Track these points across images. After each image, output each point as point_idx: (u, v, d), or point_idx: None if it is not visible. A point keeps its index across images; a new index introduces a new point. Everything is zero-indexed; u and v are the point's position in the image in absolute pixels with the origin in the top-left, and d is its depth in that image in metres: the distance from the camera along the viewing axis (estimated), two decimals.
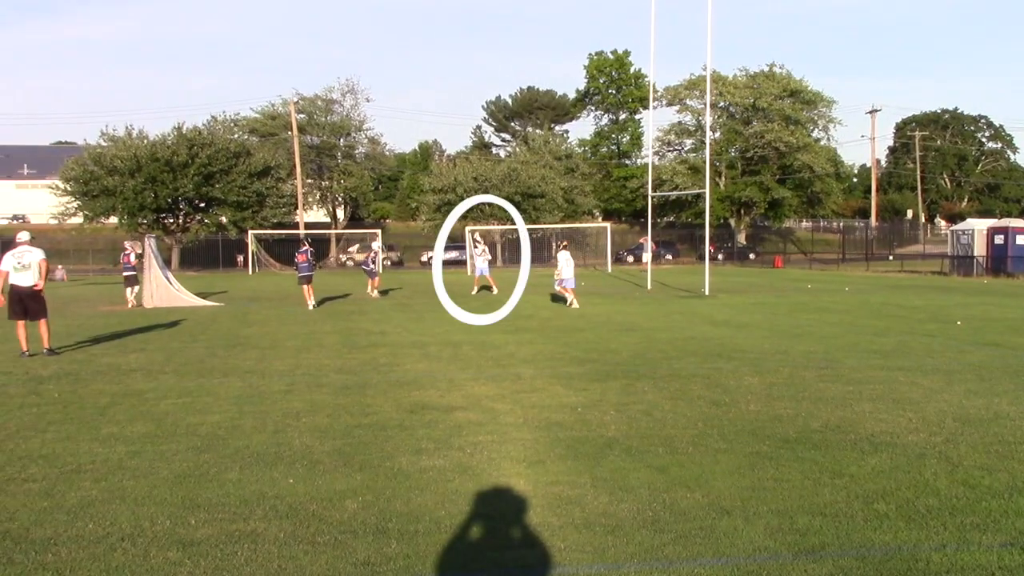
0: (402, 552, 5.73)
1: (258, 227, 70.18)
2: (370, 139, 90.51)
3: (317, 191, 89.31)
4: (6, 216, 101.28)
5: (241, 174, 69.76)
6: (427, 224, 79.50)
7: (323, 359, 15.24)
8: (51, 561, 5.64)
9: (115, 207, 68.82)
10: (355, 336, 18.91)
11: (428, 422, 9.75)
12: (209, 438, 9.04)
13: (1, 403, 11.20)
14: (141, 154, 67.56)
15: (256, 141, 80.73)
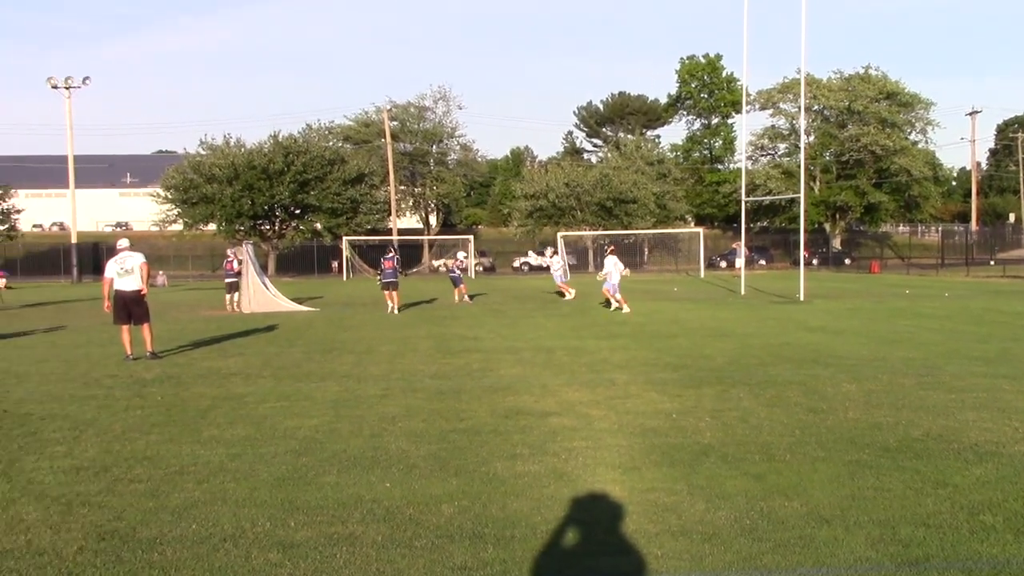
0: (498, 557, 5.74)
1: (352, 233, 71.00)
2: (462, 145, 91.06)
3: (410, 197, 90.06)
4: (110, 223, 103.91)
5: (335, 181, 70.65)
6: (519, 230, 79.76)
7: (418, 364, 15.35)
8: (157, 560, 5.76)
9: (213, 214, 70.22)
10: (449, 341, 19.02)
11: (523, 427, 9.76)
12: (307, 441, 9.16)
13: (107, 405, 11.48)
14: (238, 162, 68.84)
15: (350, 148, 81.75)
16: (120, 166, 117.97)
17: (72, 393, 12.57)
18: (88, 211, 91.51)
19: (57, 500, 7.10)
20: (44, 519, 6.62)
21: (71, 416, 10.77)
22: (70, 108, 66.47)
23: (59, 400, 11.95)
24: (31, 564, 5.70)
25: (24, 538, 6.20)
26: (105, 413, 10.94)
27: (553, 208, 76.41)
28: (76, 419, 10.56)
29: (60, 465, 8.25)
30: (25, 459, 8.52)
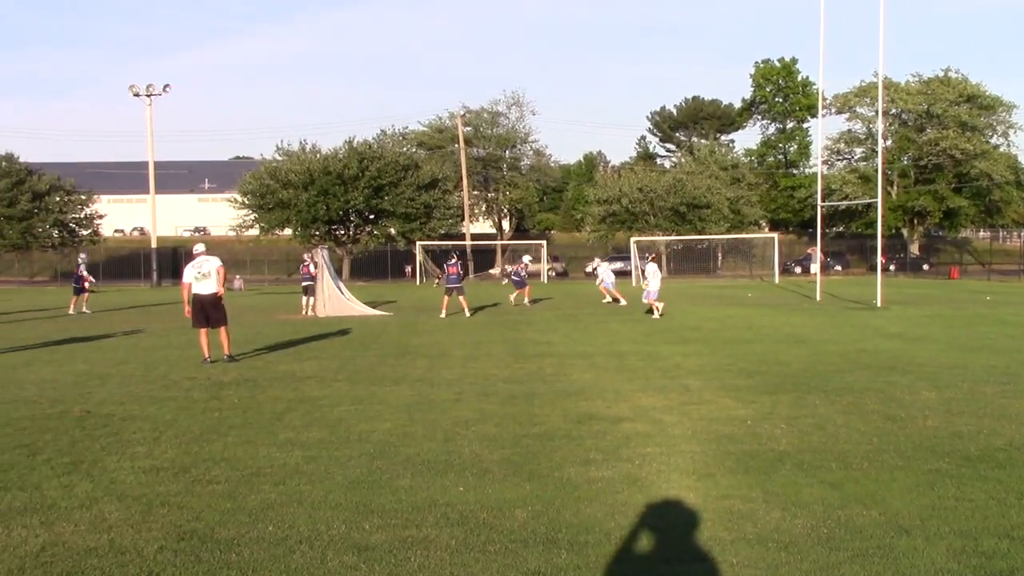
0: (572, 563, 5.73)
1: (426, 238, 71.38)
2: (535, 151, 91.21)
3: (483, 202, 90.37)
4: (188, 228, 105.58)
5: (409, 186, 71.07)
6: (592, 235, 79.54)
7: (491, 368, 15.38)
8: (235, 561, 5.83)
9: (289, 219, 71.05)
10: (522, 346, 19.03)
11: (596, 433, 9.74)
12: (381, 445, 9.22)
13: (186, 407, 11.66)
14: (314, 168, 69.58)
15: (424, 154, 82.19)
16: (199, 172, 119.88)
17: (152, 395, 12.80)
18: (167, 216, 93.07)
19: (138, 500, 7.23)
20: (126, 518, 6.74)
21: (151, 417, 10.96)
22: (151, 115, 67.72)
23: (139, 401, 12.18)
24: (114, 562, 5.80)
25: (107, 537, 6.32)
26: (184, 415, 11.12)
27: (626, 213, 76.15)
28: (156, 420, 10.75)
29: (141, 465, 8.40)
30: (107, 459, 8.69)
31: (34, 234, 75.03)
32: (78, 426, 10.44)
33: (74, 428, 10.32)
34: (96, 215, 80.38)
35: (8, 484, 7.74)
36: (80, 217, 79.34)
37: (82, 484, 7.74)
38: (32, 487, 7.64)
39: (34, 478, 7.96)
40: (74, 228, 78.92)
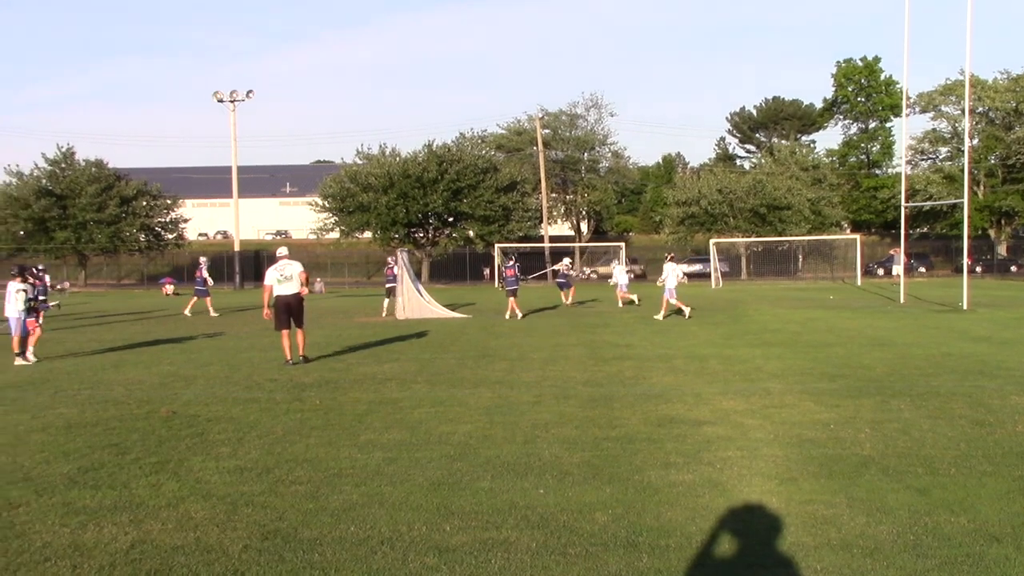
0: (653, 567, 5.70)
1: (504, 240, 71.48)
2: (613, 153, 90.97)
3: (561, 205, 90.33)
4: (270, 232, 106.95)
5: (488, 189, 71.32)
6: (671, 237, 79.06)
7: (569, 371, 15.37)
8: (318, 561, 5.90)
9: (369, 222, 71.75)
10: (600, 349, 18.98)
11: (676, 436, 9.68)
12: (461, 447, 9.26)
13: (269, 409, 11.82)
14: (394, 171, 70.18)
15: (503, 157, 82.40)
16: (280, 176, 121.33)
17: (235, 396, 12.99)
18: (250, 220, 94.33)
19: (223, 499, 7.34)
20: (211, 517, 6.85)
21: (235, 418, 11.12)
22: (234, 121, 68.71)
23: (223, 403, 12.37)
24: (200, 561, 5.90)
25: (193, 535, 6.43)
26: (267, 416, 11.27)
27: (705, 215, 75.62)
28: (240, 421, 10.91)
29: (225, 466, 8.54)
30: (193, 459, 8.84)
31: (122, 238, 76.54)
32: (164, 426, 10.64)
33: (161, 428, 10.52)
34: (181, 219, 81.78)
35: (99, 482, 7.91)
36: (165, 221, 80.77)
37: (169, 483, 7.88)
38: (121, 485, 7.81)
39: (123, 477, 8.12)
40: (160, 232, 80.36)
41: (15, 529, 6.62)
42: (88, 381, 14.83)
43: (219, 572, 5.72)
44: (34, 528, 6.65)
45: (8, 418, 11.34)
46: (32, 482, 7.97)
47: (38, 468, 8.53)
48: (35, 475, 8.25)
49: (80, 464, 8.66)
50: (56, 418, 11.30)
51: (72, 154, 78.21)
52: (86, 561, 5.93)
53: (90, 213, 74.54)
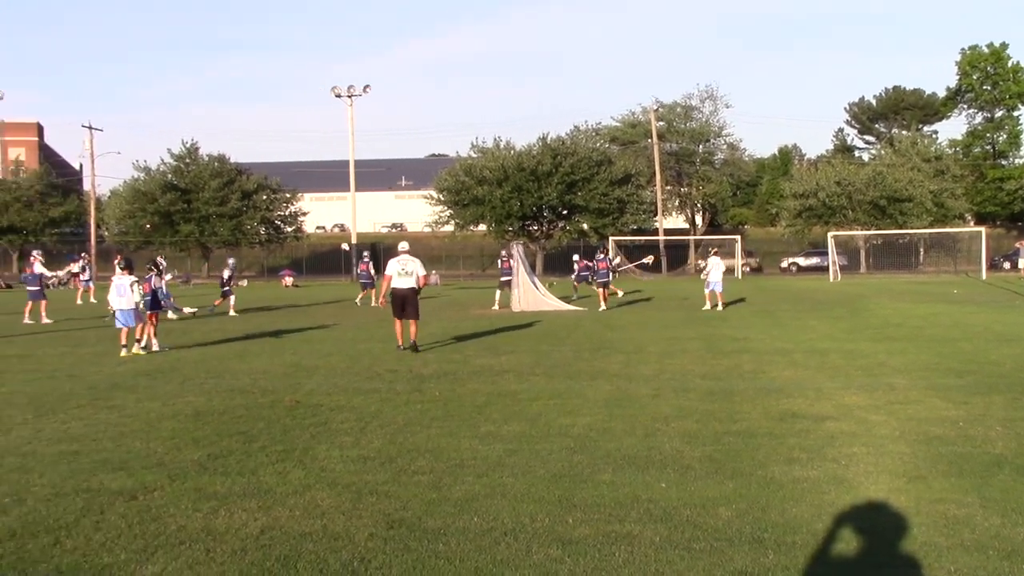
0: (779, 563, 5.63)
1: (618, 233, 71.26)
2: (729, 145, 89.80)
3: (676, 197, 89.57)
4: (386, 224, 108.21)
5: (602, 182, 71.16)
6: (787, 230, 77.89)
7: (688, 364, 15.25)
8: (442, 550, 5.96)
9: (484, 215, 72.20)
10: (718, 342, 18.80)
11: (798, 431, 9.53)
12: (581, 439, 9.25)
13: (389, 399, 11.98)
14: (508, 164, 70.47)
15: (617, 149, 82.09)
16: (396, 169, 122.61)
17: (356, 386, 13.20)
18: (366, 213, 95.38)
19: (348, 488, 7.46)
20: (337, 505, 6.97)
21: (357, 408, 11.30)
22: (352, 115, 69.69)
23: (345, 392, 12.57)
24: (327, 548, 6.01)
25: (320, 522, 6.55)
26: (388, 406, 11.42)
27: (823, 207, 74.26)
28: (361, 411, 11.08)
29: (349, 455, 8.68)
30: (317, 448, 9.00)
31: (243, 231, 78.36)
32: (289, 415, 10.86)
33: (285, 417, 10.74)
34: (300, 212, 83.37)
35: (228, 469, 8.12)
36: (285, 214, 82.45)
37: (295, 471, 8.04)
38: (249, 472, 7.99)
39: (251, 464, 8.32)
40: (279, 225, 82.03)
41: (151, 512, 6.83)
42: (214, 370, 15.21)
43: (346, 559, 5.81)
44: (168, 512, 6.84)
45: (140, 405, 11.70)
46: (165, 467, 8.21)
47: (170, 454, 8.79)
48: (167, 461, 8.49)
49: (209, 451, 8.89)
50: (185, 406, 11.62)
51: (196, 149, 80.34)
52: (219, 545, 6.09)
53: (213, 207, 76.47)
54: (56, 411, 11.35)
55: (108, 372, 15.17)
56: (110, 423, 10.49)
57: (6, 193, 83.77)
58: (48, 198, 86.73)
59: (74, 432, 9.98)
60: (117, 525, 6.53)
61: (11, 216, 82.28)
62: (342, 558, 5.83)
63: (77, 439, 9.58)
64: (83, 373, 15.06)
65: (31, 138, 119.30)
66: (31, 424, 10.50)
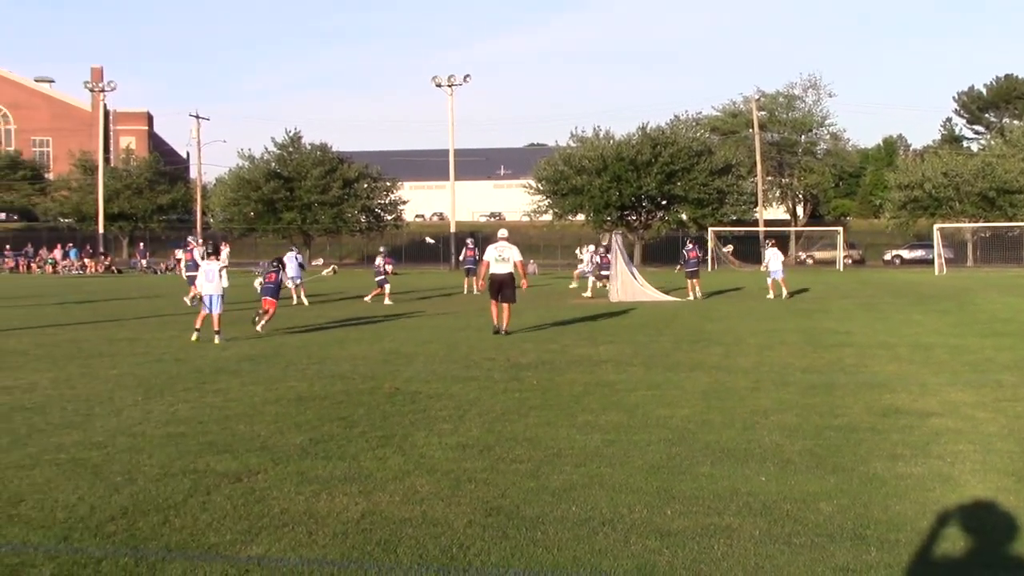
0: (883, 561, 5.54)
1: (718, 224, 70.67)
2: (832, 134, 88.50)
3: (777, 188, 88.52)
4: (484, 214, 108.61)
5: (702, 172, 70.56)
6: (891, 222, 76.36)
7: (787, 357, 15.07)
8: (540, 538, 5.98)
9: (582, 205, 72.11)
10: (819, 335, 18.55)
11: (902, 427, 9.36)
12: (679, 431, 9.20)
13: (487, 387, 12.05)
14: (607, 154, 70.31)
15: (717, 139, 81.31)
16: (495, 159, 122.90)
17: (455, 374, 13.30)
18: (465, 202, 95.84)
19: (447, 475, 7.53)
20: (436, 492, 7.04)
21: (455, 396, 11.39)
22: (452, 105, 70.15)
23: (443, 380, 12.68)
24: (427, 533, 6.07)
25: (419, 509, 6.62)
26: (486, 394, 11.49)
27: (929, 199, 72.63)
28: (460, 399, 11.16)
29: (447, 442, 8.75)
30: (416, 434, 9.09)
31: (344, 219, 79.40)
32: (388, 402, 10.99)
33: (385, 404, 10.87)
34: (399, 201, 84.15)
35: (329, 454, 8.25)
36: (385, 203, 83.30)
37: (394, 457, 8.14)
38: (350, 458, 8.11)
39: (351, 449, 8.44)
40: (379, 213, 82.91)
41: (255, 494, 6.97)
42: (316, 356, 15.45)
43: (445, 545, 5.86)
44: (272, 494, 6.98)
45: (244, 389, 11.94)
46: (268, 451, 8.38)
47: (273, 438, 8.96)
48: (271, 444, 8.66)
49: (311, 435, 9.04)
50: (287, 391, 11.83)
51: (299, 138, 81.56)
52: (320, 528, 6.19)
53: (315, 195, 77.55)
54: (164, 393, 11.65)
55: (213, 356, 15.51)
56: (215, 406, 10.73)
57: (117, 181, 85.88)
58: (156, 185, 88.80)
59: (181, 414, 10.24)
60: (223, 506, 6.68)
61: (121, 203, 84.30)
62: (441, 544, 5.89)
63: (184, 421, 9.83)
64: (189, 357, 15.42)
65: (141, 127, 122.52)
66: (141, 406, 10.80)
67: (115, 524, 6.29)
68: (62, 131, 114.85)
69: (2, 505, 6.73)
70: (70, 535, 6.08)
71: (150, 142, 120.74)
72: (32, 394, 11.65)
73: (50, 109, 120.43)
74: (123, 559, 5.61)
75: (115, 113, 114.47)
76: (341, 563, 5.56)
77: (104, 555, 5.69)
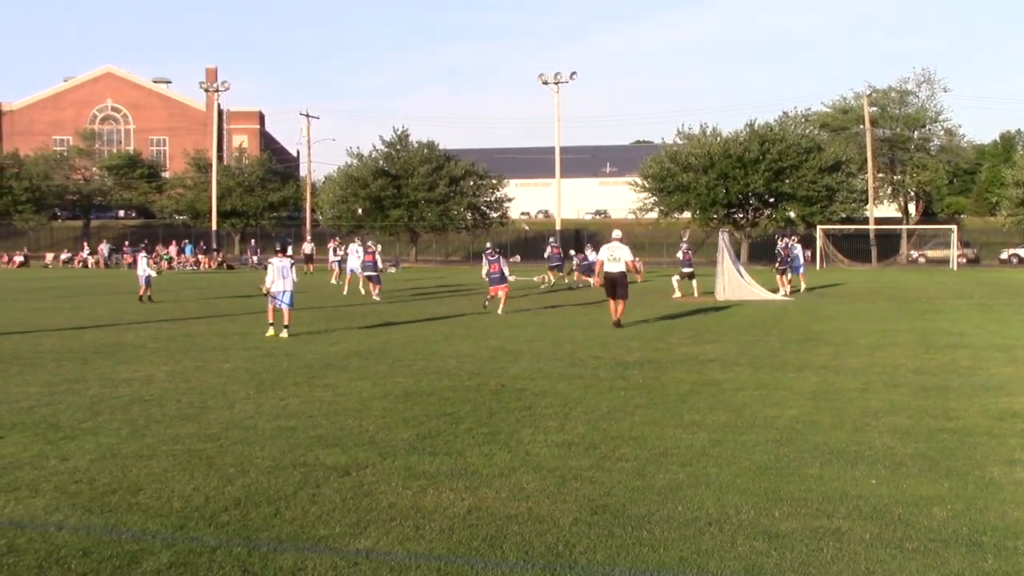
0: (999, 568, 5.40)
1: (826, 222, 69.50)
2: (946, 130, 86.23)
3: (888, 185, 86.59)
4: (589, 211, 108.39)
5: (811, 169, 69.40)
6: (1008, 220, 74.22)
7: (899, 358, 14.77)
8: (646, 538, 5.96)
9: (689, 202, 71.53)
10: (932, 336, 18.15)
11: (1020, 431, 9.11)
12: (787, 431, 9.10)
13: (592, 385, 12.04)
14: (714, 151, 69.60)
15: (826, 136, 79.90)
16: (601, 156, 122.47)
17: (560, 372, 13.32)
18: (570, 199, 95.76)
19: (552, 472, 7.54)
20: (542, 489, 7.06)
21: (560, 393, 11.40)
22: (558, 102, 70.16)
23: (549, 377, 12.70)
24: (533, 530, 6.10)
25: (525, 505, 6.65)
26: (591, 392, 11.48)
27: None
28: (565, 397, 11.17)
29: (553, 439, 8.77)
30: (522, 431, 9.13)
31: (450, 216, 79.86)
32: (494, 399, 11.05)
33: (491, 400, 10.93)
34: (505, 198, 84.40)
35: (436, 449, 8.33)
36: (491, 200, 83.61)
37: (500, 453, 8.18)
38: (456, 453, 8.18)
39: (458, 445, 8.51)
40: (485, 211, 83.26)
41: (363, 488, 7.07)
42: (422, 352, 15.60)
43: (551, 543, 5.88)
44: (379, 489, 7.07)
45: (353, 384, 12.11)
46: (376, 446, 8.49)
47: (381, 433, 9.07)
48: (379, 439, 8.78)
49: (418, 431, 9.14)
50: (395, 386, 11.96)
51: (406, 136, 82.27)
52: (427, 523, 6.26)
53: (421, 192, 78.19)
54: (275, 388, 11.89)
55: (322, 352, 15.76)
56: (324, 401, 10.91)
57: (230, 179, 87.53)
58: (268, 183, 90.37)
59: (292, 408, 10.43)
60: (332, 499, 6.80)
61: (233, 200, 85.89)
62: (547, 541, 5.90)
63: (294, 415, 10.02)
64: (298, 352, 15.69)
65: (253, 126, 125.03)
66: (253, 399, 11.03)
67: (228, 514, 6.44)
68: (178, 130, 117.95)
69: (122, 494, 6.94)
70: (186, 524, 6.24)
71: (261, 140, 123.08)
72: (149, 386, 11.99)
73: (167, 109, 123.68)
74: (236, 549, 5.75)
75: (228, 112, 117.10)
76: (448, 558, 5.61)
77: (218, 544, 5.83)
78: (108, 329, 19.78)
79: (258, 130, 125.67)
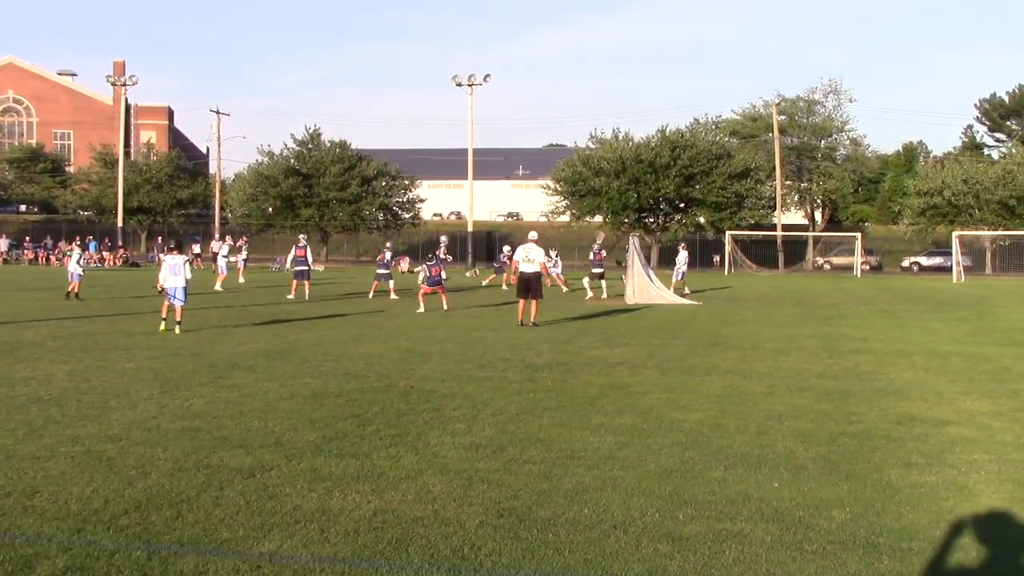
0: (895, 570, 5.52)
1: (735, 228, 70.52)
2: (852, 140, 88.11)
3: (795, 193, 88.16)
4: (502, 213, 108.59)
5: (721, 175, 70.44)
6: (910, 228, 76.02)
7: (803, 363, 15.03)
8: (552, 540, 5.98)
9: (600, 206, 72.11)
10: (835, 341, 18.50)
11: (917, 435, 9.33)
12: (693, 435, 9.19)
13: (501, 388, 12.05)
14: (626, 156, 70.32)
15: (736, 143, 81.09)
16: (513, 159, 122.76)
17: (469, 374, 13.31)
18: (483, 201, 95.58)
19: (459, 475, 7.53)
20: (448, 491, 7.04)
21: (469, 395, 11.39)
22: (472, 104, 70.08)
23: (458, 379, 12.69)
24: (438, 533, 6.08)
25: (431, 508, 6.63)
26: (500, 395, 11.49)
27: (948, 206, 72.22)
28: (474, 399, 11.17)
29: (461, 442, 8.76)
30: (430, 433, 9.10)
31: (362, 216, 79.49)
32: (403, 400, 11.00)
33: (399, 402, 10.88)
34: (417, 199, 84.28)
35: (343, 451, 8.26)
36: (403, 201, 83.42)
37: (408, 456, 8.15)
38: (363, 455, 8.12)
39: (365, 447, 8.45)
40: (397, 212, 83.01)
41: (268, 491, 6.99)
42: (331, 353, 15.47)
43: (456, 545, 5.87)
44: (285, 491, 7.00)
45: (259, 385, 11.97)
46: (282, 447, 8.40)
47: (287, 434, 8.98)
48: (285, 441, 8.68)
49: (325, 433, 9.06)
50: (302, 387, 11.85)
51: (318, 135, 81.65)
52: (332, 526, 6.20)
53: (333, 192, 77.72)
54: (179, 388, 11.70)
55: (229, 352, 15.55)
56: (230, 401, 10.77)
57: (137, 175, 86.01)
58: (176, 180, 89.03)
59: (196, 409, 10.27)
60: (236, 501, 6.71)
61: (141, 197, 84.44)
62: (453, 544, 5.89)
63: (199, 416, 9.86)
64: (205, 351, 15.47)
65: (162, 122, 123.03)
66: (156, 400, 10.84)
67: (128, 517, 6.32)
68: (83, 124, 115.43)
69: (17, 496, 6.77)
70: (84, 527, 6.11)
71: (170, 137, 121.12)
72: (49, 386, 11.71)
73: (72, 102, 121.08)
74: (136, 553, 5.64)
75: (136, 107, 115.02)
76: (352, 561, 5.58)
77: (117, 548, 5.71)
78: (6, 327, 19.28)
79: (167, 126, 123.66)
